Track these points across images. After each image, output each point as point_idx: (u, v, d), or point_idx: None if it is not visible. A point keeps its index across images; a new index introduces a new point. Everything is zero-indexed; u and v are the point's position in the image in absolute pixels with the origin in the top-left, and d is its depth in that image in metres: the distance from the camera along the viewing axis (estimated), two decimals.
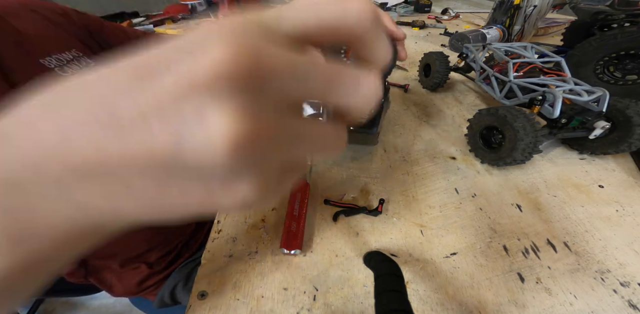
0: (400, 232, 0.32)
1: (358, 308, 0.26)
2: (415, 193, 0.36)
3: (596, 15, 0.55)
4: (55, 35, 0.39)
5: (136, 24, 1.30)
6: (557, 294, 0.26)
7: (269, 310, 0.27)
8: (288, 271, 0.29)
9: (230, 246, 0.32)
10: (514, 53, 0.46)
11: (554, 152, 0.41)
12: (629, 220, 0.32)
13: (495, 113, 0.36)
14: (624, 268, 0.28)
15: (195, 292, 0.28)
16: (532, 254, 0.29)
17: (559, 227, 0.32)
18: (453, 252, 0.30)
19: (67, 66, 0.37)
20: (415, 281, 0.28)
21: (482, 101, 0.54)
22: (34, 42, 0.36)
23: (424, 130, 0.48)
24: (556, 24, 0.84)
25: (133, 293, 0.48)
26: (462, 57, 0.55)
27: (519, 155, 0.34)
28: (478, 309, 0.26)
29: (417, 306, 0.26)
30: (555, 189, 0.36)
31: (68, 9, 0.43)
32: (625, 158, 0.39)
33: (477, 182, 0.38)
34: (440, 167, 0.40)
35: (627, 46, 0.44)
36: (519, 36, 0.74)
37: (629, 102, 0.35)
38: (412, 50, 0.81)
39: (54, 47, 0.37)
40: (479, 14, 1.12)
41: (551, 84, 0.39)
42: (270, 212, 0.35)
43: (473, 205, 0.35)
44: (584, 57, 0.48)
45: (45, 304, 1.16)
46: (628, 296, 0.26)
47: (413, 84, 0.62)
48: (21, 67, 0.34)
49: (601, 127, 0.35)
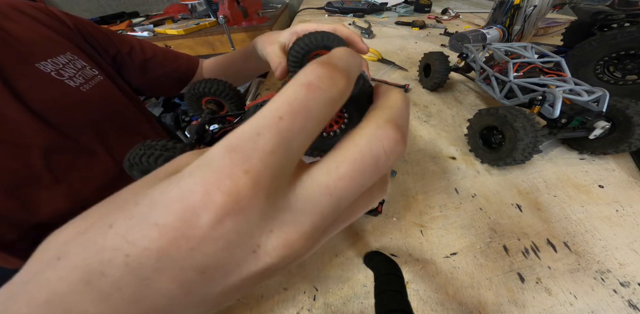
0: (400, 232, 0.32)
1: (358, 308, 0.26)
2: (415, 193, 0.36)
3: (596, 15, 0.55)
4: (48, 38, 0.38)
5: (136, 24, 1.30)
6: (557, 294, 0.26)
7: (269, 310, 0.27)
8: (288, 271, 0.29)
9: None
10: (514, 53, 0.46)
11: (554, 152, 0.41)
12: (629, 220, 0.32)
13: (495, 113, 0.36)
14: (624, 268, 0.28)
15: None
16: (532, 254, 0.29)
17: (559, 227, 0.32)
18: (453, 252, 0.30)
19: (63, 70, 0.36)
20: (415, 281, 0.28)
21: (482, 101, 0.54)
22: (28, 46, 0.35)
23: (424, 130, 0.48)
24: (556, 24, 0.84)
25: None
26: (462, 57, 0.55)
27: (519, 155, 0.34)
28: (478, 309, 0.26)
29: (417, 306, 0.26)
30: (555, 189, 0.36)
31: (57, 11, 0.42)
32: (625, 158, 0.39)
33: (477, 182, 0.37)
34: (440, 167, 0.40)
35: (627, 46, 0.44)
36: (519, 36, 0.74)
37: (629, 102, 0.35)
38: (412, 50, 0.81)
39: (48, 51, 0.37)
40: (479, 14, 1.12)
41: (551, 84, 0.39)
42: None
43: (473, 205, 0.35)
44: (584, 57, 0.48)
45: None
46: (628, 296, 0.26)
47: (413, 84, 0.62)
48: (18, 72, 0.33)
49: (601, 127, 0.35)
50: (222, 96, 0.29)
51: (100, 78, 0.41)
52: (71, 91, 0.36)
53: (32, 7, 0.39)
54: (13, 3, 0.38)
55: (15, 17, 0.37)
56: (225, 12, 1.00)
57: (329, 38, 0.22)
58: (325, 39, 0.22)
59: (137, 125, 0.46)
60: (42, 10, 0.40)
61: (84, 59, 0.41)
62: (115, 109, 0.42)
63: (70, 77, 0.37)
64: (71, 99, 0.36)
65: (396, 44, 0.87)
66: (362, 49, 0.31)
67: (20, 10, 0.38)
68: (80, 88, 0.37)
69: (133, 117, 0.45)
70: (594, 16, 0.55)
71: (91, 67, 0.40)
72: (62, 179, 0.35)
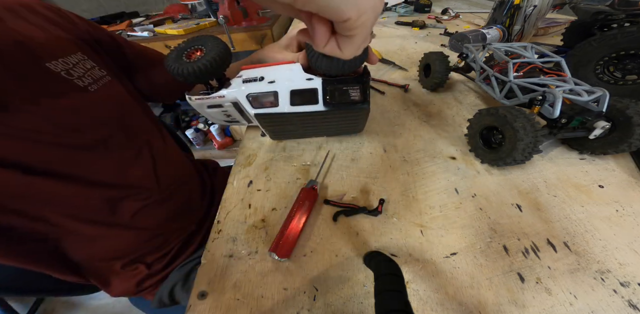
0: (400, 232, 0.32)
1: (358, 308, 0.26)
2: (415, 193, 0.36)
3: (596, 15, 0.55)
4: (59, 38, 0.38)
5: (136, 24, 1.30)
6: (557, 294, 0.26)
7: (269, 310, 0.27)
8: (288, 271, 0.29)
9: (230, 246, 0.32)
10: (514, 53, 0.46)
11: (554, 152, 0.41)
12: (629, 220, 0.32)
13: (495, 113, 0.36)
14: (624, 268, 0.28)
15: (195, 292, 0.28)
16: (532, 254, 0.29)
17: (559, 227, 0.32)
18: (453, 252, 0.30)
19: (73, 70, 0.37)
20: (415, 281, 0.28)
21: (482, 101, 0.54)
22: (40, 45, 0.35)
23: (424, 130, 0.48)
24: (556, 24, 0.84)
25: (132, 293, 0.48)
26: (462, 57, 0.55)
27: (519, 155, 0.34)
28: (478, 309, 0.26)
29: (417, 306, 0.26)
30: (555, 189, 0.36)
31: (67, 11, 0.42)
32: (625, 158, 0.39)
33: (477, 182, 0.38)
34: (440, 167, 0.40)
35: (627, 46, 0.44)
36: (519, 36, 0.74)
37: (629, 102, 0.35)
38: (412, 50, 0.81)
39: (59, 50, 0.37)
40: (479, 14, 1.12)
41: (551, 84, 0.39)
42: (271, 212, 0.35)
43: (473, 205, 0.35)
44: (584, 57, 0.48)
45: (45, 304, 1.16)
46: (628, 296, 0.26)
47: (413, 84, 0.62)
48: (29, 71, 0.33)
49: (601, 127, 0.35)
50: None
51: (109, 78, 0.41)
52: (79, 90, 0.36)
53: (44, 6, 0.39)
54: (25, 2, 0.38)
55: (27, 17, 0.37)
56: (225, 12, 1.00)
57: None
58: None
59: (142, 126, 0.46)
60: (53, 10, 0.40)
61: (94, 59, 0.41)
62: (122, 109, 0.42)
63: (80, 76, 0.37)
64: (79, 98, 0.36)
65: (396, 44, 0.87)
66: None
67: (31, 9, 0.38)
68: (89, 88, 0.37)
69: (139, 118, 0.45)
70: (594, 16, 0.55)
71: (100, 67, 0.40)
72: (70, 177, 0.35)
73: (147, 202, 0.43)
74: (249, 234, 0.33)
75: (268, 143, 0.47)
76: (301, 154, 0.44)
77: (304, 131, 0.43)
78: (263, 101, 0.35)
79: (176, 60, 0.31)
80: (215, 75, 0.32)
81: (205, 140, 1.75)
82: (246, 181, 0.40)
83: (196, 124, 1.67)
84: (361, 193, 0.37)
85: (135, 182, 0.41)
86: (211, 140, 1.71)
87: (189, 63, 0.30)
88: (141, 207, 0.42)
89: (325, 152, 0.44)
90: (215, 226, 0.34)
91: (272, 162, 0.43)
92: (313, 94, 0.34)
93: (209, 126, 1.63)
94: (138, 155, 0.43)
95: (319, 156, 0.43)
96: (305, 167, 0.42)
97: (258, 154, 0.45)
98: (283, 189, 0.38)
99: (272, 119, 0.37)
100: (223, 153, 1.70)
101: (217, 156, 1.70)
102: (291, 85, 0.34)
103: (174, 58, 0.31)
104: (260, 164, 0.43)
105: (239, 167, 0.43)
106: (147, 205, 0.43)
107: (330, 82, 0.34)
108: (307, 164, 0.42)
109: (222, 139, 1.66)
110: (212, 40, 0.32)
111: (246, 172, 0.42)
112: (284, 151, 0.45)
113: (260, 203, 0.37)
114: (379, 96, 0.59)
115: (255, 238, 0.33)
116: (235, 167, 0.43)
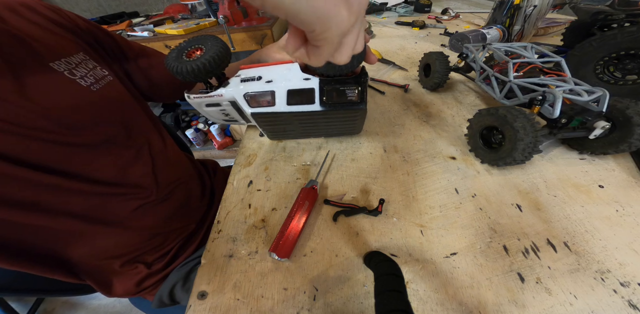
0: (400, 232, 0.32)
1: (358, 308, 0.26)
2: (415, 193, 0.36)
3: (596, 15, 0.55)
4: (62, 38, 0.38)
5: (136, 24, 1.30)
6: (557, 294, 0.26)
7: (269, 310, 0.27)
8: (288, 271, 0.29)
9: (230, 246, 0.32)
10: (514, 53, 0.46)
11: (554, 152, 0.41)
12: (629, 220, 0.32)
13: (495, 113, 0.36)
14: (624, 268, 0.28)
15: (195, 292, 0.28)
16: (532, 254, 0.29)
17: (559, 227, 0.32)
18: (453, 252, 0.30)
19: (76, 69, 0.37)
20: (415, 281, 0.28)
21: (482, 101, 0.54)
22: (43, 46, 0.35)
23: (424, 130, 0.48)
24: (556, 24, 0.84)
25: (132, 293, 0.48)
26: (462, 57, 0.55)
27: (519, 155, 0.34)
28: (478, 309, 0.26)
29: (417, 306, 0.26)
30: (555, 189, 0.36)
31: (69, 12, 0.42)
32: (625, 158, 0.39)
33: (477, 182, 0.38)
34: (440, 167, 0.40)
35: (627, 46, 0.44)
36: (519, 36, 0.74)
37: (629, 102, 0.35)
38: (412, 50, 0.81)
39: (62, 50, 0.37)
40: (479, 14, 1.12)
41: (551, 84, 0.39)
42: (271, 212, 0.35)
43: (473, 205, 0.35)
44: (584, 57, 0.48)
45: (45, 304, 1.16)
46: (628, 296, 0.26)
47: (413, 84, 0.62)
48: (32, 71, 0.33)
49: (601, 127, 0.35)
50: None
51: (110, 78, 0.41)
52: (82, 89, 0.36)
53: (46, 7, 0.40)
54: (26, 2, 0.38)
55: (30, 17, 0.37)
56: (225, 12, 1.00)
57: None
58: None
59: (142, 126, 0.46)
60: (53, 10, 0.40)
61: (96, 59, 0.41)
62: (123, 108, 0.42)
63: (82, 76, 0.37)
64: (81, 98, 0.36)
65: (396, 44, 0.87)
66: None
67: (34, 10, 0.38)
68: (91, 87, 0.37)
69: (139, 118, 0.45)
70: (594, 16, 0.55)
71: (101, 67, 0.41)
72: (71, 175, 0.35)
73: (146, 202, 0.43)
74: (249, 234, 0.33)
75: (268, 143, 0.47)
76: (301, 154, 0.44)
77: (301, 131, 0.43)
78: (260, 100, 0.35)
79: (176, 59, 0.31)
80: (214, 74, 0.32)
81: (205, 140, 1.75)
82: (246, 181, 0.40)
83: (196, 124, 1.67)
84: (361, 193, 0.37)
85: (134, 181, 0.41)
86: (211, 140, 1.71)
87: (189, 61, 0.31)
88: (140, 207, 0.42)
89: (325, 152, 0.44)
90: (215, 226, 0.34)
91: (272, 162, 0.43)
92: (310, 94, 0.34)
93: (209, 126, 1.63)
94: (138, 154, 0.43)
95: (319, 156, 0.43)
96: (305, 167, 0.42)
97: (258, 154, 0.45)
98: (283, 189, 0.38)
99: (268, 119, 0.37)
100: (223, 153, 1.70)
101: (217, 156, 1.70)
102: (288, 85, 0.34)
103: (175, 57, 0.32)
104: (260, 164, 0.43)
105: (239, 167, 0.43)
106: (146, 204, 0.43)
107: (327, 82, 0.34)
108: (307, 164, 0.42)
109: (222, 139, 1.66)
110: (212, 40, 0.32)
111: (246, 172, 0.42)
112: (284, 151, 0.45)
113: (260, 203, 0.37)
114: (378, 95, 0.59)
115: (255, 238, 0.33)
116: (235, 167, 0.43)
